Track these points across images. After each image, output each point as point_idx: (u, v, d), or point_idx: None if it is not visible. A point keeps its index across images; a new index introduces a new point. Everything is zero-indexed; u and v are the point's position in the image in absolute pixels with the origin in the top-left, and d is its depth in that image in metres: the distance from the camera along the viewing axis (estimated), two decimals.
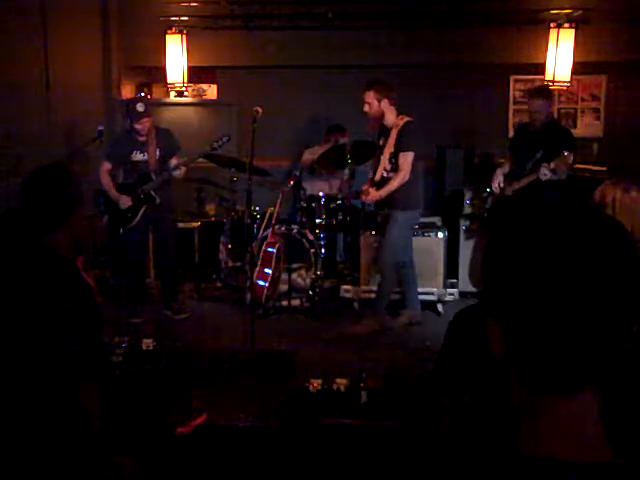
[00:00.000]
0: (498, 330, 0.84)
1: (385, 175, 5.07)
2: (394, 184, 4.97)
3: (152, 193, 5.27)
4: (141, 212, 5.31)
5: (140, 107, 5.18)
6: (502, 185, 5.34)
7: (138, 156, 5.31)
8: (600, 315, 0.78)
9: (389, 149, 5.02)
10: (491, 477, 0.80)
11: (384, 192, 5.00)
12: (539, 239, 0.81)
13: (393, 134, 5.00)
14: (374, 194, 5.05)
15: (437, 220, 5.98)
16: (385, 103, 4.97)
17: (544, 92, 5.30)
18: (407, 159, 4.96)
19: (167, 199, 5.41)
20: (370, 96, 4.95)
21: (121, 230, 5.34)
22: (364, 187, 5.21)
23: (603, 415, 0.82)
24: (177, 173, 5.28)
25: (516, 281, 0.81)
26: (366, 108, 5.00)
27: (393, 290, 5.29)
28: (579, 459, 0.79)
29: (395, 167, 5.02)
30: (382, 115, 5.02)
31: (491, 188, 5.44)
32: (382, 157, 5.07)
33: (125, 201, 5.27)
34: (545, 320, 0.79)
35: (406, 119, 5.02)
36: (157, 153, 5.31)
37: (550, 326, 0.79)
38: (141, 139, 5.28)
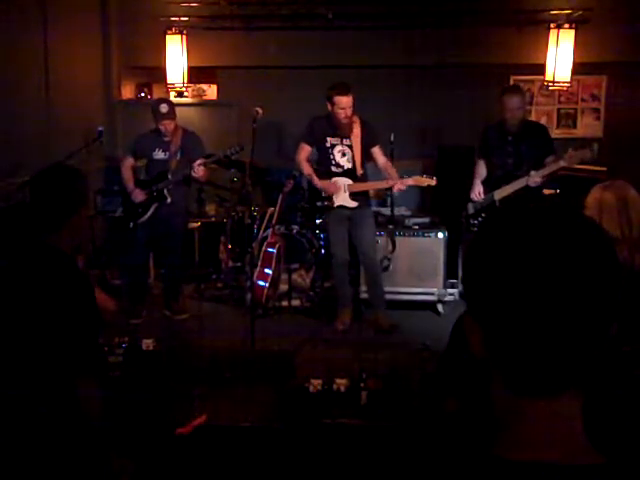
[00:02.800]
0: (478, 331, 0.84)
1: (361, 171, 5.14)
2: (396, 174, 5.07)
3: (165, 192, 5.30)
4: (152, 209, 5.34)
5: (163, 108, 5.23)
6: (482, 194, 5.21)
7: (160, 154, 5.37)
8: (579, 316, 0.78)
9: (358, 145, 5.08)
10: (465, 478, 0.80)
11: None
12: (517, 241, 0.80)
13: (356, 131, 5.05)
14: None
15: (437, 220, 5.99)
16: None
17: (518, 89, 5.20)
18: (381, 151, 5.15)
19: (181, 200, 5.44)
20: (351, 98, 4.94)
21: (131, 224, 5.38)
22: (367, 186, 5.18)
23: (585, 416, 0.82)
24: (196, 170, 5.25)
25: (495, 283, 0.80)
26: (349, 113, 4.95)
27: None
28: (562, 462, 0.79)
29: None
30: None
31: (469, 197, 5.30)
32: (353, 153, 5.08)
33: (137, 195, 5.33)
34: (524, 322, 0.78)
35: (356, 116, 5.06)
36: (178, 154, 5.34)
37: (529, 328, 0.78)
38: (166, 139, 5.33)
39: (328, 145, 5.12)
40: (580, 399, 0.82)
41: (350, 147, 5.09)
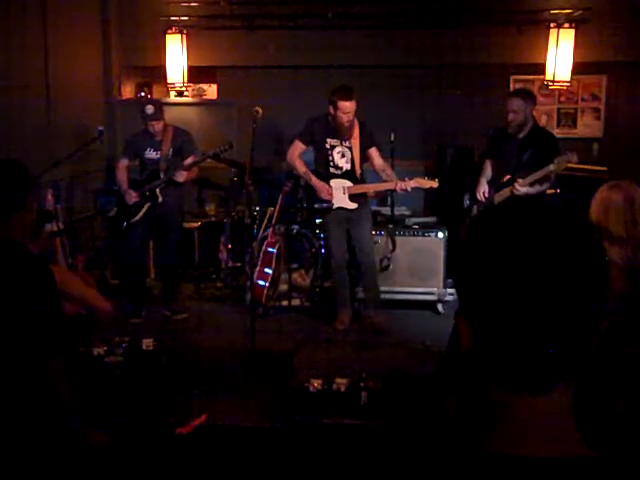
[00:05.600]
0: (468, 327, 0.85)
1: (360, 171, 5.13)
2: (394, 175, 5.06)
3: (157, 192, 5.30)
4: (144, 209, 5.34)
5: (149, 110, 5.22)
6: (487, 195, 5.15)
7: (151, 154, 5.36)
8: (568, 313, 0.79)
9: (357, 146, 5.07)
10: (464, 477, 0.80)
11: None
12: (506, 237, 0.81)
13: (355, 132, 5.04)
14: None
15: (437, 220, 5.99)
16: None
17: (524, 93, 5.09)
18: (378, 152, 5.13)
19: (174, 200, 5.42)
20: (355, 103, 4.91)
21: (124, 224, 5.38)
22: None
23: (575, 410, 0.83)
24: (178, 175, 5.26)
25: (482, 279, 0.82)
26: (351, 117, 4.95)
27: None
28: (553, 455, 0.79)
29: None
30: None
31: (474, 197, 5.25)
32: (352, 154, 5.07)
33: (130, 196, 5.33)
34: (512, 319, 0.80)
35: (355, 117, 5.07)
36: (169, 153, 5.34)
37: (517, 325, 0.79)
38: (157, 138, 5.33)
39: (328, 146, 5.09)
40: (570, 394, 0.83)
41: (350, 149, 5.08)
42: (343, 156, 5.10)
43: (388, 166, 5.17)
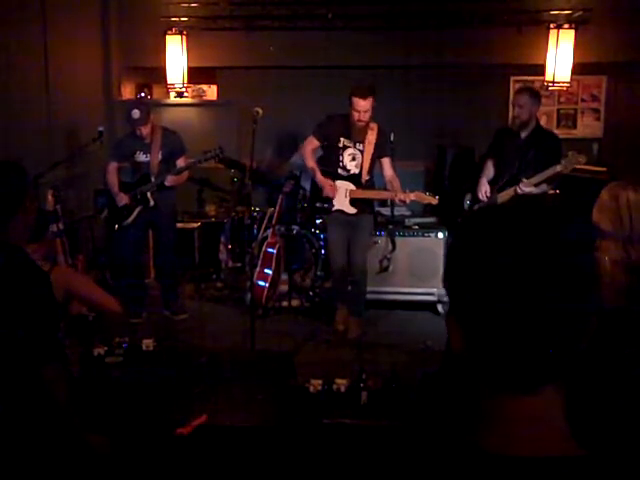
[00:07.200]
0: (457, 328, 0.85)
1: (367, 177, 5.07)
2: (399, 187, 5.00)
3: (148, 195, 5.28)
4: (136, 212, 5.33)
5: (135, 114, 5.17)
6: (489, 194, 5.15)
7: (141, 157, 5.34)
8: (557, 314, 0.79)
9: (370, 152, 5.00)
10: (456, 476, 0.81)
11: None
12: (495, 239, 0.81)
13: (371, 138, 4.97)
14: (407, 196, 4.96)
15: (437, 220, 5.98)
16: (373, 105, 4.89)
17: (532, 91, 5.12)
18: (390, 163, 5.06)
19: (167, 202, 5.40)
20: (370, 102, 4.82)
21: (116, 226, 5.37)
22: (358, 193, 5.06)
23: (567, 410, 0.83)
24: (167, 180, 5.26)
25: (473, 280, 0.82)
26: (366, 117, 4.84)
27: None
28: (545, 454, 0.80)
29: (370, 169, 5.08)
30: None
31: (475, 198, 5.26)
32: (363, 159, 5.01)
33: (121, 199, 5.31)
34: (502, 319, 0.80)
35: (375, 123, 4.99)
36: (159, 155, 5.32)
37: (507, 325, 0.79)
38: (146, 141, 5.31)
39: (340, 146, 5.02)
40: (561, 394, 0.83)
41: (361, 152, 5.01)
42: (353, 159, 5.03)
43: (396, 179, 5.06)
